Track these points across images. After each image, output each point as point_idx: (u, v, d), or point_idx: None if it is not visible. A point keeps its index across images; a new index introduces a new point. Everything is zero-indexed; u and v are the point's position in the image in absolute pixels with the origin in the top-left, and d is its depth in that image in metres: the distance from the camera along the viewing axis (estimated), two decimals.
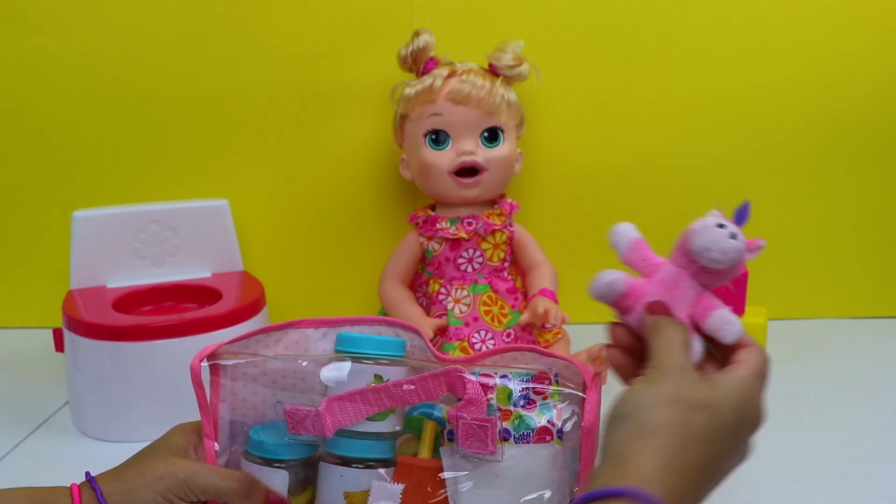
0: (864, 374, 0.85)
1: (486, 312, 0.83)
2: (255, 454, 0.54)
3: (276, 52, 0.93)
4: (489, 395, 0.50)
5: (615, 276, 0.47)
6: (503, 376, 0.51)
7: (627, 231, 0.50)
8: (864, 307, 1.02)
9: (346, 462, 0.52)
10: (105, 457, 0.54)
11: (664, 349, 0.44)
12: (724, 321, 0.45)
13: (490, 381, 0.50)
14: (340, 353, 0.54)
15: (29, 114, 0.94)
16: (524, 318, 0.80)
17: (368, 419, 0.51)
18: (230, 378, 0.55)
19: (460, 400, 0.50)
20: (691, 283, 0.47)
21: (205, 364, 0.53)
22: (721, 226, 0.47)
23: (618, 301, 0.47)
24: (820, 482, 0.64)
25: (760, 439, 0.70)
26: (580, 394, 0.49)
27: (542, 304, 0.79)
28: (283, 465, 0.53)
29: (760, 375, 0.43)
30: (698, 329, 0.46)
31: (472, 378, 0.49)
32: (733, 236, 0.46)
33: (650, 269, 0.48)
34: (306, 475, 0.54)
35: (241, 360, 0.54)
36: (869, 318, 1.02)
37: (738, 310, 0.87)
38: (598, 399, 0.48)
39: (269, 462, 0.53)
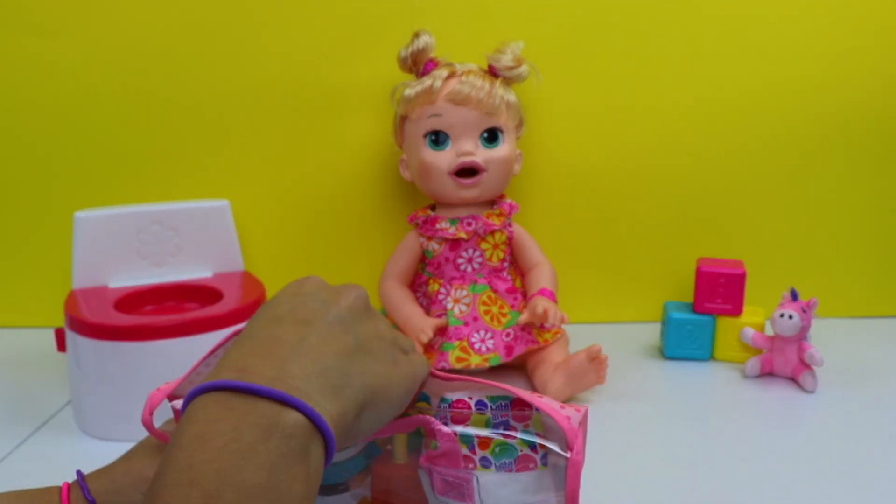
0: (863, 374, 0.85)
1: (486, 312, 0.83)
2: None
3: (276, 53, 0.93)
4: (466, 423, 0.45)
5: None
6: (479, 403, 0.46)
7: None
8: (864, 307, 1.02)
9: (324, 491, 0.49)
10: (107, 456, 0.54)
11: None
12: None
13: (465, 411, 0.46)
14: None
15: (31, 115, 0.95)
16: (523, 317, 0.80)
17: None
18: None
19: (434, 444, 0.45)
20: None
21: (172, 404, 0.48)
22: (781, 315, 0.82)
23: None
24: (818, 482, 0.64)
25: (759, 438, 0.71)
26: (563, 453, 0.42)
27: (541, 303, 0.79)
28: None
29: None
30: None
31: (445, 429, 0.44)
32: (791, 317, 0.82)
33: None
34: None
35: None
36: (868, 317, 1.02)
37: (736, 309, 0.88)
38: (581, 459, 0.42)
39: None
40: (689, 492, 0.63)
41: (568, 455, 0.41)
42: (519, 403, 0.45)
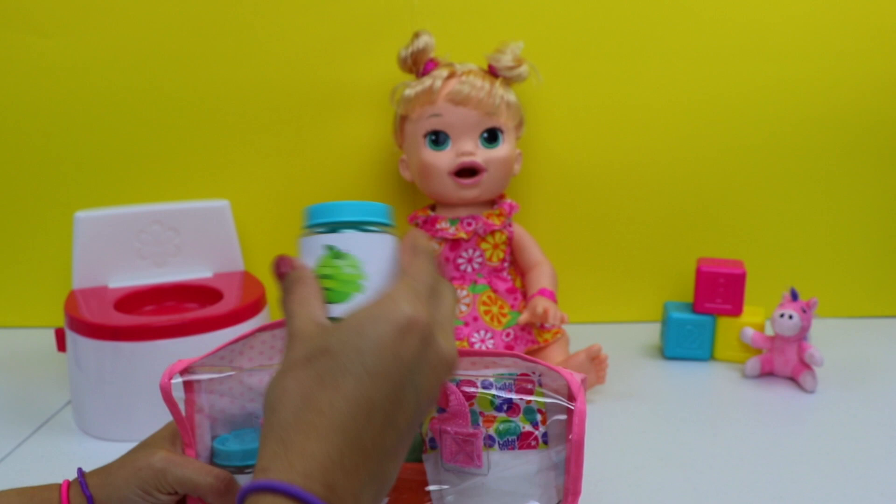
0: (863, 374, 0.85)
1: (486, 312, 0.83)
2: (225, 464, 0.51)
3: (276, 53, 0.93)
4: (471, 402, 0.48)
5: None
6: (485, 383, 0.49)
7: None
8: (864, 307, 1.02)
9: None
10: (107, 456, 0.54)
11: (290, 314, 0.41)
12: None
13: (471, 389, 0.48)
14: (313, 229, 0.46)
15: (31, 115, 0.95)
16: (523, 317, 0.80)
17: None
18: (205, 392, 0.52)
19: (442, 410, 0.48)
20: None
21: (178, 380, 0.50)
22: (781, 315, 0.82)
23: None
24: (818, 482, 0.64)
25: (759, 438, 0.71)
26: (567, 403, 0.47)
27: (541, 303, 0.79)
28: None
29: (394, 298, 0.39)
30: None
31: (455, 389, 0.47)
32: (791, 317, 0.81)
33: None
34: None
35: (215, 375, 0.52)
36: (868, 317, 1.02)
37: (736, 309, 0.88)
38: (585, 408, 0.46)
39: (240, 469, 0.51)
40: (689, 491, 0.63)
41: (571, 405, 0.45)
42: (522, 380, 0.47)
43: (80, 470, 0.52)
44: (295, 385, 0.37)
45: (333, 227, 0.45)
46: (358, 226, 0.44)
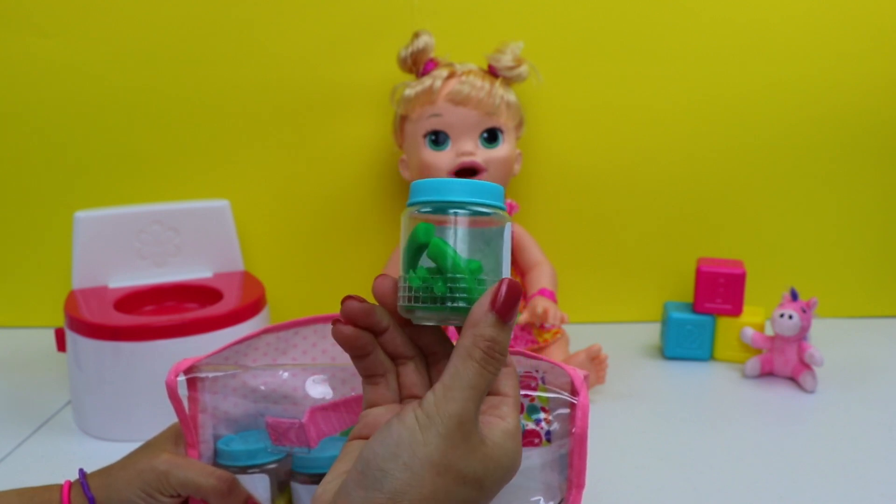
0: (863, 374, 0.85)
1: None
2: (229, 464, 0.52)
3: (276, 53, 0.93)
4: None
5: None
6: None
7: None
8: (864, 307, 1.02)
9: (318, 481, 0.49)
10: (107, 456, 0.54)
11: (453, 381, 0.37)
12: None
13: None
14: (419, 206, 0.41)
15: (32, 115, 0.95)
16: (523, 317, 0.80)
17: (342, 434, 0.50)
18: (209, 392, 0.53)
19: None
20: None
21: (182, 378, 0.51)
22: (781, 315, 0.82)
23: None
24: (818, 482, 0.64)
25: (759, 438, 0.71)
26: (569, 398, 0.47)
27: (541, 303, 0.79)
28: (261, 470, 0.52)
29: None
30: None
31: None
32: (791, 317, 0.81)
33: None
34: (284, 477, 0.53)
35: (220, 374, 0.52)
36: (867, 317, 1.02)
37: (736, 309, 0.87)
38: (588, 402, 0.47)
39: (243, 469, 0.51)
40: (689, 491, 0.63)
41: (574, 400, 0.46)
42: (525, 378, 0.48)
43: (81, 471, 0.52)
44: (442, 494, 0.35)
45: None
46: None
